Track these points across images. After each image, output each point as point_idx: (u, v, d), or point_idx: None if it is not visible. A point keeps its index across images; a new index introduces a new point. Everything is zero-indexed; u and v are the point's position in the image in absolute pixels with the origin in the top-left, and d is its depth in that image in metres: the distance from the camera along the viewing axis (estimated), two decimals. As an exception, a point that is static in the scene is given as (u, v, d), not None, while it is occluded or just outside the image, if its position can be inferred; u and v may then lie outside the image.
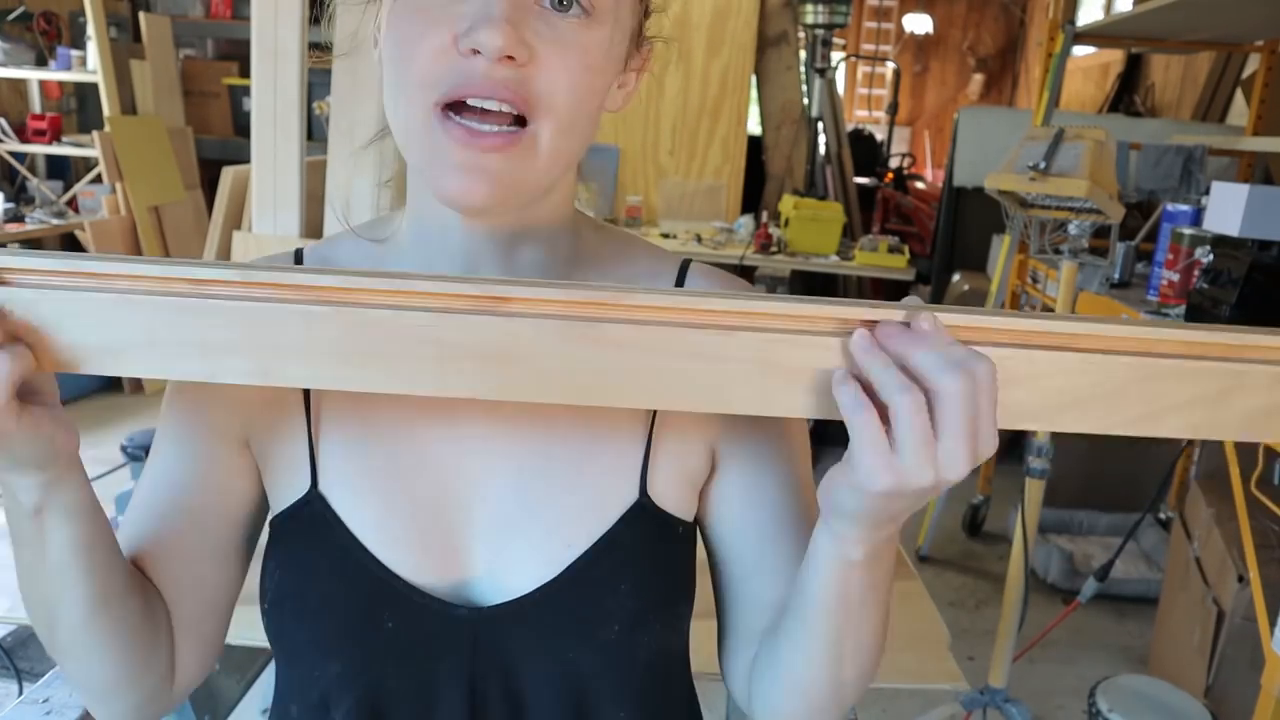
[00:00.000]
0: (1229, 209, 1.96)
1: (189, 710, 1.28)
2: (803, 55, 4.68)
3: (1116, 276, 2.48)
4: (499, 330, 0.48)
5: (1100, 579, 2.05)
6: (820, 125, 4.72)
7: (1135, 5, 2.89)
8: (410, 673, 0.63)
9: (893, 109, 6.82)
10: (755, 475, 0.67)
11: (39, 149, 4.25)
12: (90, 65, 4.03)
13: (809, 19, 4.43)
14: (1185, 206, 2.24)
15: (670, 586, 0.66)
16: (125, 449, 1.47)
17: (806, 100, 4.66)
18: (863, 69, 9.57)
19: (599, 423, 0.65)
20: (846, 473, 0.50)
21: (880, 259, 3.69)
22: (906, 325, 0.48)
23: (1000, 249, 3.15)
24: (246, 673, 1.58)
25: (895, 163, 6.85)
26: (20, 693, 1.60)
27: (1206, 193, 2.17)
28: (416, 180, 0.64)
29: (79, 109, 4.78)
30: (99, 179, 4.00)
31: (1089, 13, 6.56)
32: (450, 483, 0.64)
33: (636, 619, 0.63)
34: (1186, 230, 2.14)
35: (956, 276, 4.51)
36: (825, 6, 4.36)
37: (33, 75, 4.23)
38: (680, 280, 0.69)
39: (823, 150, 4.86)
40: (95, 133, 3.93)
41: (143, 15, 4.27)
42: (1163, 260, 2.20)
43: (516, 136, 0.55)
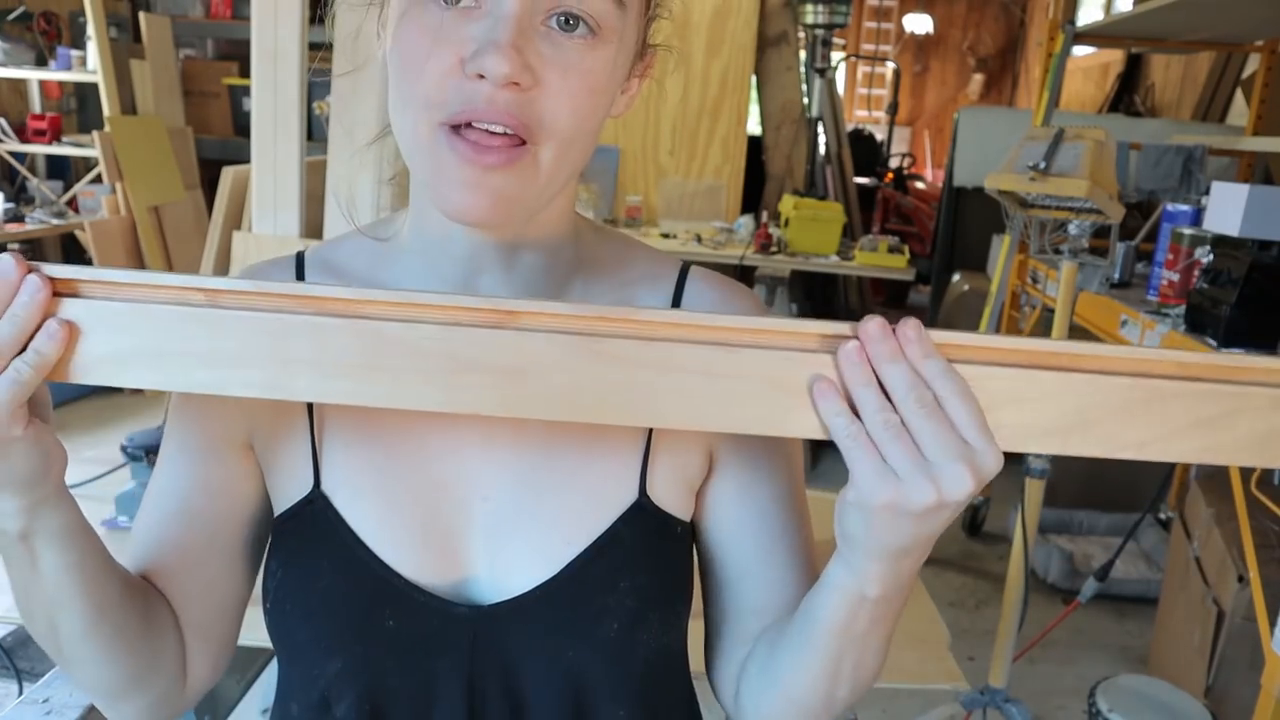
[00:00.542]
0: (1229, 209, 1.95)
1: (189, 710, 1.28)
2: (803, 55, 4.68)
3: (1116, 276, 2.47)
4: (508, 344, 0.48)
5: (1100, 579, 2.04)
6: (820, 125, 4.72)
7: (1135, 5, 2.88)
8: (410, 671, 0.64)
9: (893, 109, 6.83)
10: (750, 480, 0.68)
11: (39, 149, 4.26)
12: (90, 65, 4.04)
13: (809, 19, 4.43)
14: (1185, 206, 2.24)
15: (669, 586, 0.66)
16: (125, 449, 1.47)
17: (806, 100, 4.66)
18: (863, 69, 9.57)
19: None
20: (850, 490, 0.50)
21: (880, 259, 3.69)
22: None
23: (1000, 249, 3.14)
24: (246, 673, 1.58)
25: (895, 163, 6.86)
26: (20, 693, 1.60)
27: (1206, 193, 2.16)
28: (420, 184, 0.64)
29: (79, 109, 4.79)
30: (99, 179, 4.01)
31: (1089, 13, 6.56)
32: (451, 482, 0.64)
33: (635, 618, 0.64)
34: (1186, 230, 2.13)
35: (956, 276, 4.51)
36: (825, 6, 4.36)
37: (33, 75, 4.24)
38: (680, 283, 0.69)
39: (823, 150, 4.86)
40: (95, 133, 3.93)
41: (143, 15, 4.27)
42: (1163, 260, 2.20)
43: (519, 153, 0.55)
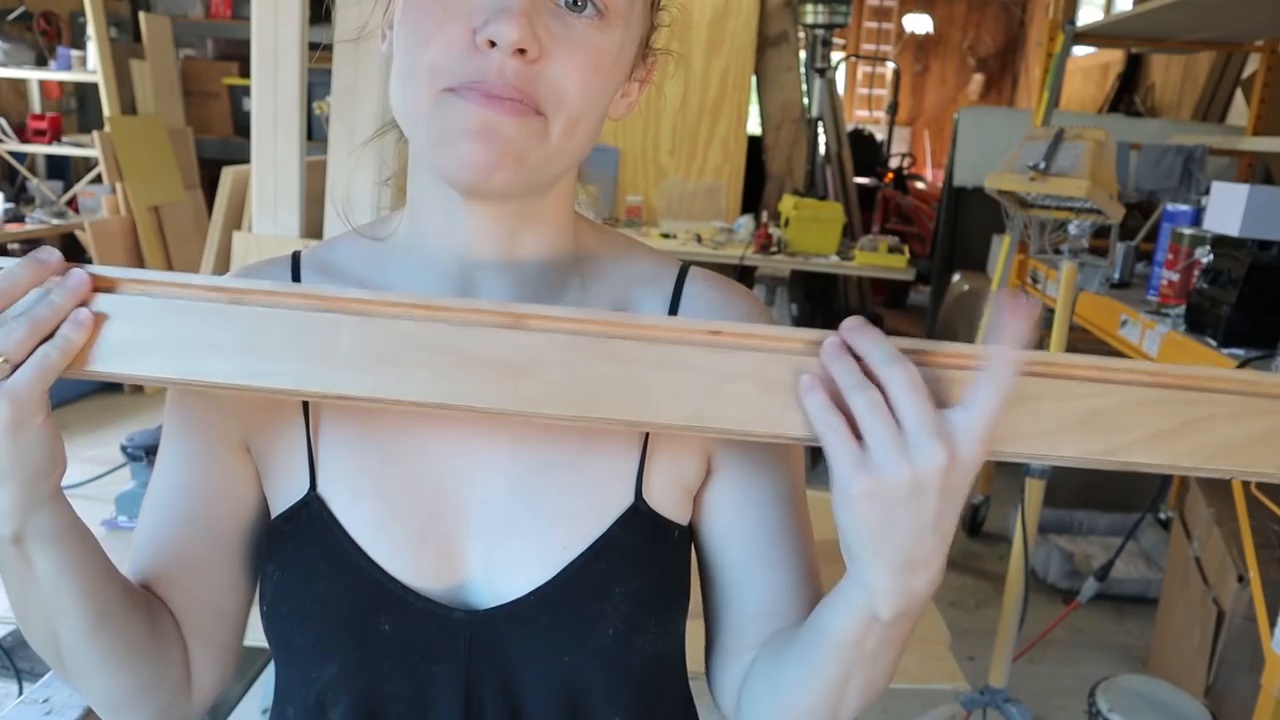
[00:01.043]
0: (1229, 209, 1.95)
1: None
2: (803, 55, 4.68)
3: (1116, 276, 2.47)
4: (513, 341, 0.51)
5: (1100, 579, 2.04)
6: (820, 125, 4.72)
7: (1135, 5, 2.88)
8: (407, 675, 0.63)
9: (893, 109, 6.83)
10: (749, 483, 0.67)
11: (39, 149, 4.26)
12: (90, 65, 4.04)
13: (809, 19, 4.43)
14: (1185, 206, 2.24)
15: (665, 590, 0.66)
16: (125, 449, 1.47)
17: (806, 100, 4.66)
18: (863, 69, 9.57)
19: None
20: (833, 488, 0.51)
21: (880, 259, 3.69)
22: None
23: (1000, 249, 3.14)
24: (246, 673, 1.58)
25: (895, 163, 6.86)
26: (20, 693, 1.60)
27: (1206, 193, 2.16)
28: (417, 178, 0.64)
29: (79, 109, 4.79)
30: (99, 179, 4.01)
31: (1089, 13, 6.56)
32: (448, 485, 0.64)
33: (631, 622, 0.63)
34: (1186, 230, 2.13)
35: (956, 276, 4.51)
36: (825, 6, 4.37)
37: (33, 75, 4.24)
38: (679, 283, 0.69)
39: (823, 150, 4.85)
40: (95, 133, 3.93)
41: (143, 15, 4.28)
42: (1163, 260, 2.20)
43: (529, 113, 0.55)
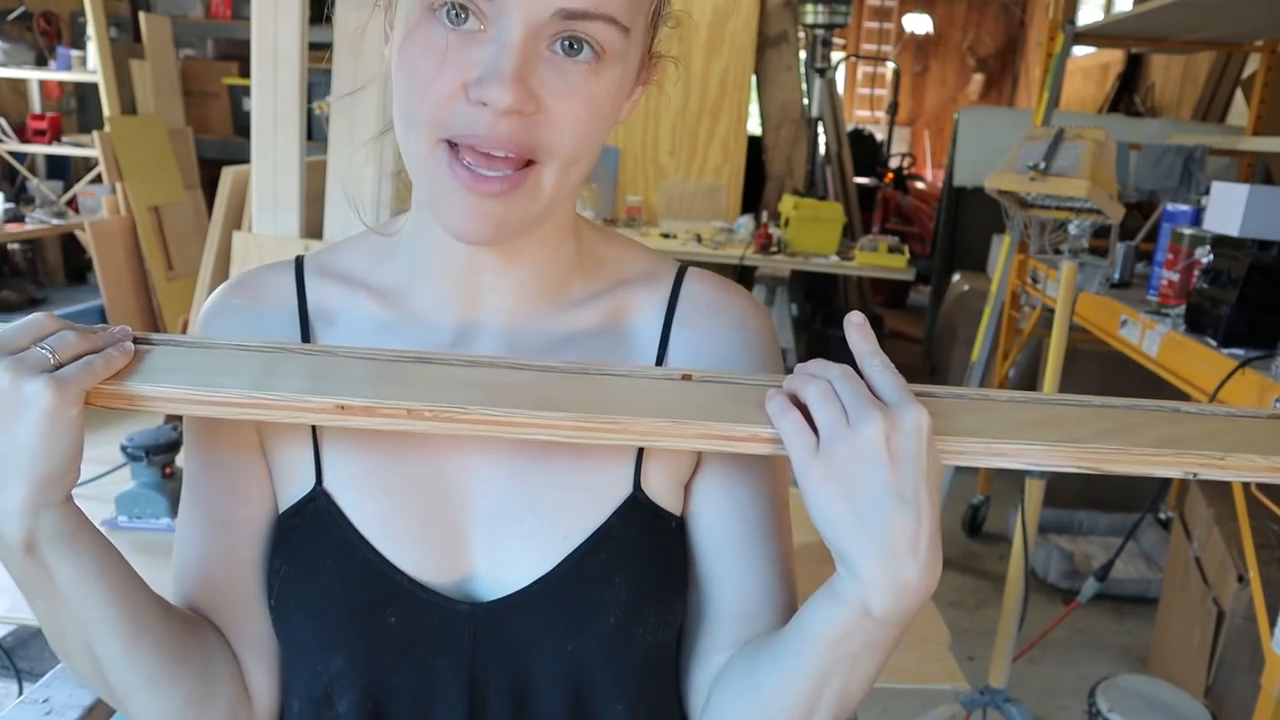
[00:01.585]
0: (1229, 209, 1.95)
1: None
2: (803, 55, 4.68)
3: (1116, 276, 2.48)
4: (497, 374, 0.58)
5: (1100, 579, 2.04)
6: (820, 125, 4.72)
7: (1135, 5, 2.89)
8: (412, 668, 0.64)
9: (893, 109, 6.83)
10: (732, 479, 0.68)
11: (39, 149, 4.26)
12: (90, 65, 4.04)
13: (809, 19, 4.43)
14: (1185, 206, 2.24)
15: (664, 580, 0.67)
16: (125, 449, 1.47)
17: (806, 100, 4.66)
18: (863, 69, 9.58)
19: None
20: (799, 484, 0.54)
21: (880, 259, 3.69)
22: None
23: (1000, 249, 3.15)
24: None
25: (895, 163, 6.86)
26: (20, 693, 1.60)
27: (1206, 193, 2.16)
28: (421, 195, 0.65)
29: (79, 109, 4.79)
30: (99, 179, 4.01)
31: (1089, 13, 6.57)
32: (451, 480, 0.65)
33: (632, 612, 0.64)
34: (1186, 230, 2.13)
35: (956, 276, 4.52)
36: (825, 6, 4.36)
37: (33, 75, 4.24)
38: (677, 284, 0.70)
39: (823, 150, 4.85)
40: (95, 133, 3.93)
41: (143, 15, 4.27)
42: (1163, 260, 2.20)
43: (520, 177, 0.56)
